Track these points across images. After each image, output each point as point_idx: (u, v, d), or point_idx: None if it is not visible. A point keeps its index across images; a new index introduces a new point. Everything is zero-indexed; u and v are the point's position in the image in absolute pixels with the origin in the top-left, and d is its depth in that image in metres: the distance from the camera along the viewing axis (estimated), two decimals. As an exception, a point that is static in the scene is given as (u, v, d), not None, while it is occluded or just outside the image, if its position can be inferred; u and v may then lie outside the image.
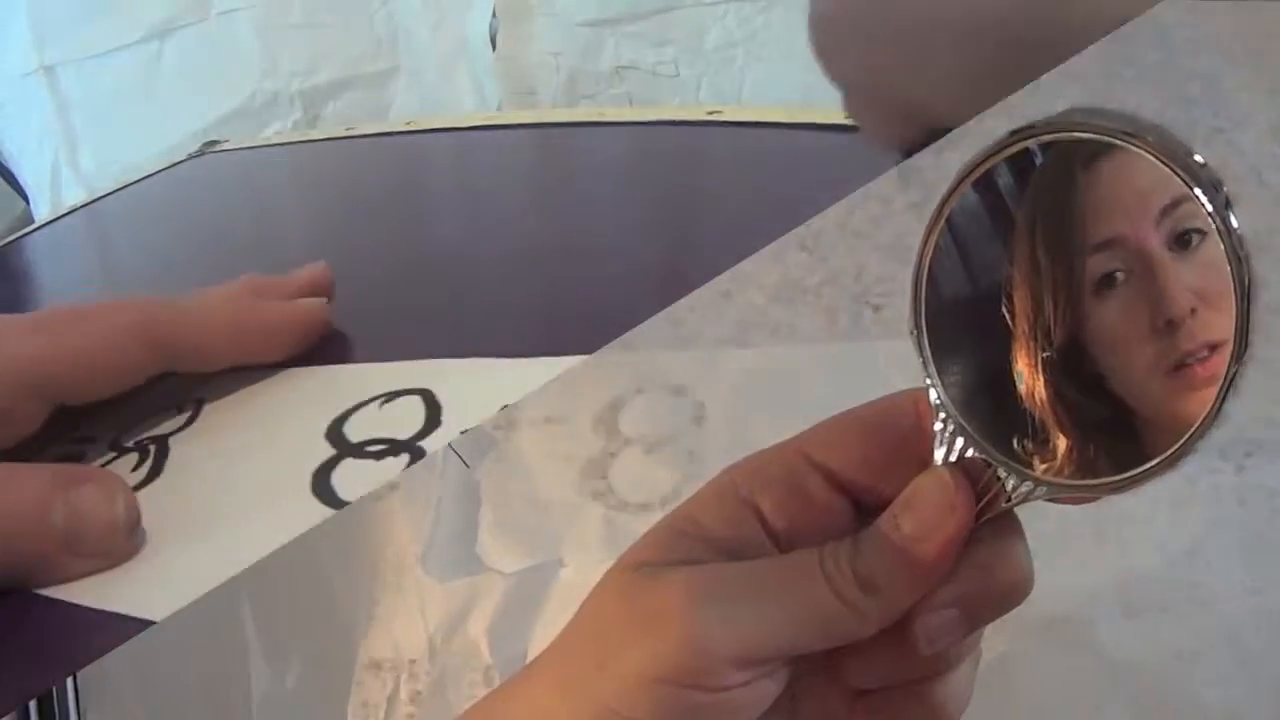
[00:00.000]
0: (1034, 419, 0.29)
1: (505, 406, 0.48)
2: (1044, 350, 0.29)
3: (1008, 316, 0.29)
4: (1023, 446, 0.30)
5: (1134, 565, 0.50)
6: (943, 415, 0.31)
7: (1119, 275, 0.28)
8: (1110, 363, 0.29)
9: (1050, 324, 0.29)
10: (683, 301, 0.55)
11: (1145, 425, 0.28)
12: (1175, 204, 0.27)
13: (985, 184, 0.30)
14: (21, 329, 0.48)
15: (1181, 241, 0.27)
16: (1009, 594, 0.31)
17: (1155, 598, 0.49)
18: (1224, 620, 0.48)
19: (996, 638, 0.48)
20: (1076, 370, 0.29)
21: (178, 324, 0.50)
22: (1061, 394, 0.29)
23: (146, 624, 0.41)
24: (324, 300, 0.54)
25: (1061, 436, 0.29)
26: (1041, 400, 0.29)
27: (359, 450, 0.47)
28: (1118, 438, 0.29)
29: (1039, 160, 0.29)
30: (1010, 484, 0.30)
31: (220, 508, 0.46)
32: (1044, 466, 0.29)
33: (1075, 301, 0.29)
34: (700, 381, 0.56)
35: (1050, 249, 0.29)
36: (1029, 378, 0.29)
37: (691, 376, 0.56)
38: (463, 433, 0.47)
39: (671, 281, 0.57)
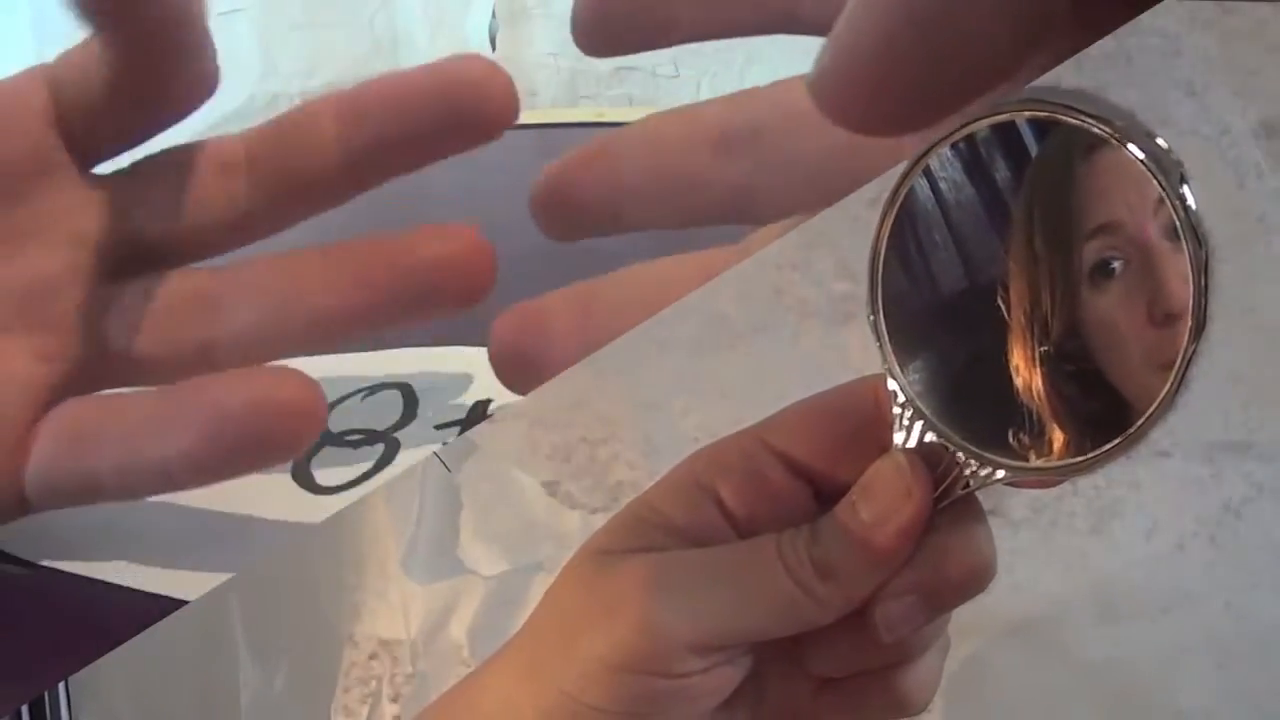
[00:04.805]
0: (1030, 413, 0.29)
1: (479, 402, 0.49)
2: (1041, 344, 0.29)
3: (1002, 308, 0.29)
4: (1018, 440, 0.29)
5: (1111, 570, 0.49)
6: (901, 399, 0.30)
7: (1116, 265, 0.28)
8: (1105, 354, 0.28)
9: (1047, 316, 0.28)
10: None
11: (1132, 414, 0.28)
12: None
13: (970, 168, 0.29)
14: None
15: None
16: (969, 580, 0.30)
17: (1132, 603, 0.49)
18: (1202, 626, 0.48)
19: (967, 641, 0.47)
20: (1072, 362, 0.28)
21: None
22: (1057, 387, 0.29)
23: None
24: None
25: (1057, 429, 0.29)
26: (1039, 394, 0.29)
27: (338, 439, 0.50)
28: (1105, 426, 0.28)
29: (1033, 148, 0.28)
30: (969, 468, 0.29)
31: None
32: (1039, 460, 0.29)
33: (1072, 291, 0.28)
34: (676, 387, 0.56)
35: (1047, 236, 0.28)
36: (1025, 371, 0.29)
37: (664, 382, 0.56)
38: (437, 428, 0.48)
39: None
